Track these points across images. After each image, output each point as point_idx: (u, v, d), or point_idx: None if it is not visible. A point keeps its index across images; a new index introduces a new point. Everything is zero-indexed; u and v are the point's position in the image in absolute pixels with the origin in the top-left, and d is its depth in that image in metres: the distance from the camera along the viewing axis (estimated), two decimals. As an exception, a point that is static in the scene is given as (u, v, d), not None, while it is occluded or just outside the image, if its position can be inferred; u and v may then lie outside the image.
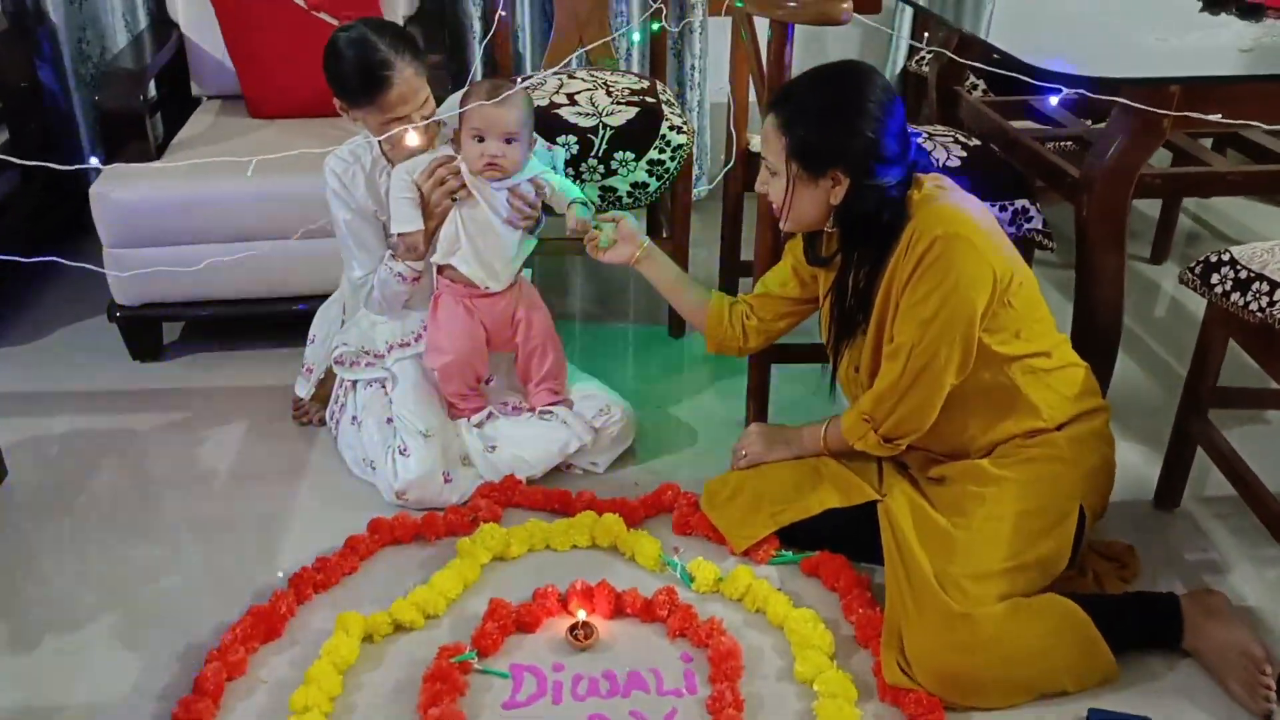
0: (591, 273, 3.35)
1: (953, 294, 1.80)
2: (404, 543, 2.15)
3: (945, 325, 1.82)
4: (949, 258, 1.79)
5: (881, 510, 1.99)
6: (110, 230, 2.60)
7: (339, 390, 2.44)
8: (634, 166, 2.59)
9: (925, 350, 1.85)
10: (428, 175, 2.17)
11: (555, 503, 2.23)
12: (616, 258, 2.20)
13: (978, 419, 1.95)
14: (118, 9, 3.23)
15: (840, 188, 1.85)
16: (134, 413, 2.59)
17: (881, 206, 1.84)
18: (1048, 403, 1.93)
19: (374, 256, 2.29)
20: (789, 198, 1.89)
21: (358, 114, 2.18)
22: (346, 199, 2.26)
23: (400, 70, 2.11)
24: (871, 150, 1.81)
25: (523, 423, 2.34)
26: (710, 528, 2.14)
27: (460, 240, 2.22)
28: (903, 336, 1.87)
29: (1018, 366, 1.91)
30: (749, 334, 2.19)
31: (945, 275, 1.80)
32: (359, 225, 2.27)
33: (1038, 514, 1.87)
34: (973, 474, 1.94)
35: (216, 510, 2.26)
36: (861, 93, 1.81)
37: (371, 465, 2.29)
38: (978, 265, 1.80)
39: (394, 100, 2.12)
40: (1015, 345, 1.89)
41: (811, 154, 1.84)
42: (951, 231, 1.79)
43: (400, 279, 2.25)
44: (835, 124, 1.81)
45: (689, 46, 3.47)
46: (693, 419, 2.57)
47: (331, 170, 2.26)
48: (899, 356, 1.88)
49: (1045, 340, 1.94)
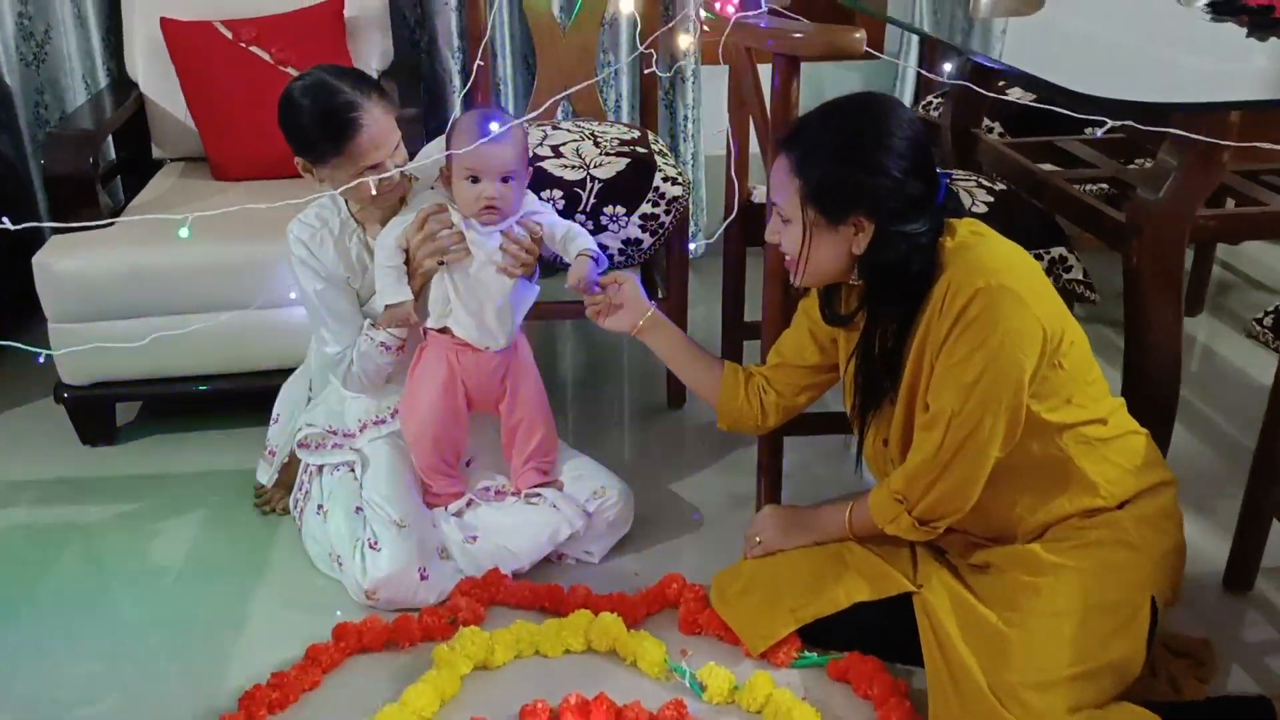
0: (582, 337, 3.13)
1: (999, 354, 1.57)
2: (373, 651, 1.90)
3: (990, 390, 1.59)
4: (993, 313, 1.57)
5: (919, 604, 1.75)
6: (54, 303, 2.39)
7: (304, 475, 2.20)
8: (625, 222, 2.37)
9: (967, 419, 1.62)
10: (417, 228, 1.95)
11: (545, 600, 1.99)
12: (618, 325, 1.99)
13: (1027, 497, 1.71)
14: (77, 70, 3.04)
15: (863, 235, 1.64)
16: (80, 504, 2.36)
17: (911, 255, 1.62)
18: (1106, 477, 1.69)
19: (350, 328, 2.06)
20: (805, 248, 1.68)
21: (324, 171, 1.96)
22: (316, 267, 2.04)
23: (369, 110, 1.91)
24: (898, 191, 1.60)
25: (507, 509, 2.10)
26: (722, 626, 1.90)
27: (451, 300, 2.01)
28: (940, 403, 1.64)
29: (1070, 436, 1.68)
30: (768, 410, 1.96)
31: (989, 333, 1.57)
32: (332, 295, 2.05)
33: (1106, 609, 1.64)
34: (1024, 561, 1.70)
35: (164, 614, 2.02)
36: (885, 126, 1.60)
37: (338, 561, 2.04)
38: (1025, 321, 1.58)
39: (366, 145, 1.91)
40: (1067, 412, 1.67)
41: (830, 197, 1.63)
42: (995, 283, 1.57)
43: (383, 349, 2.03)
44: (856, 162, 1.61)
45: (681, 96, 3.28)
46: (698, 499, 2.34)
47: (296, 238, 2.04)
48: (936, 426, 1.65)
49: (1100, 406, 1.71)
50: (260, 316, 2.43)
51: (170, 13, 2.76)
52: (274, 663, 1.86)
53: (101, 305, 2.38)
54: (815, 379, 1.92)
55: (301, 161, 1.98)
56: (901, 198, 1.60)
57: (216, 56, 2.73)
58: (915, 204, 1.61)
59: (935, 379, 1.66)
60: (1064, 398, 1.67)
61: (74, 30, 3.00)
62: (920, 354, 1.68)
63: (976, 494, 1.68)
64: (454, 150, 1.89)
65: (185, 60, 2.75)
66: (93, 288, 2.37)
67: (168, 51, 2.75)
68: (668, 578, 2.00)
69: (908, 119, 1.63)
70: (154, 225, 2.45)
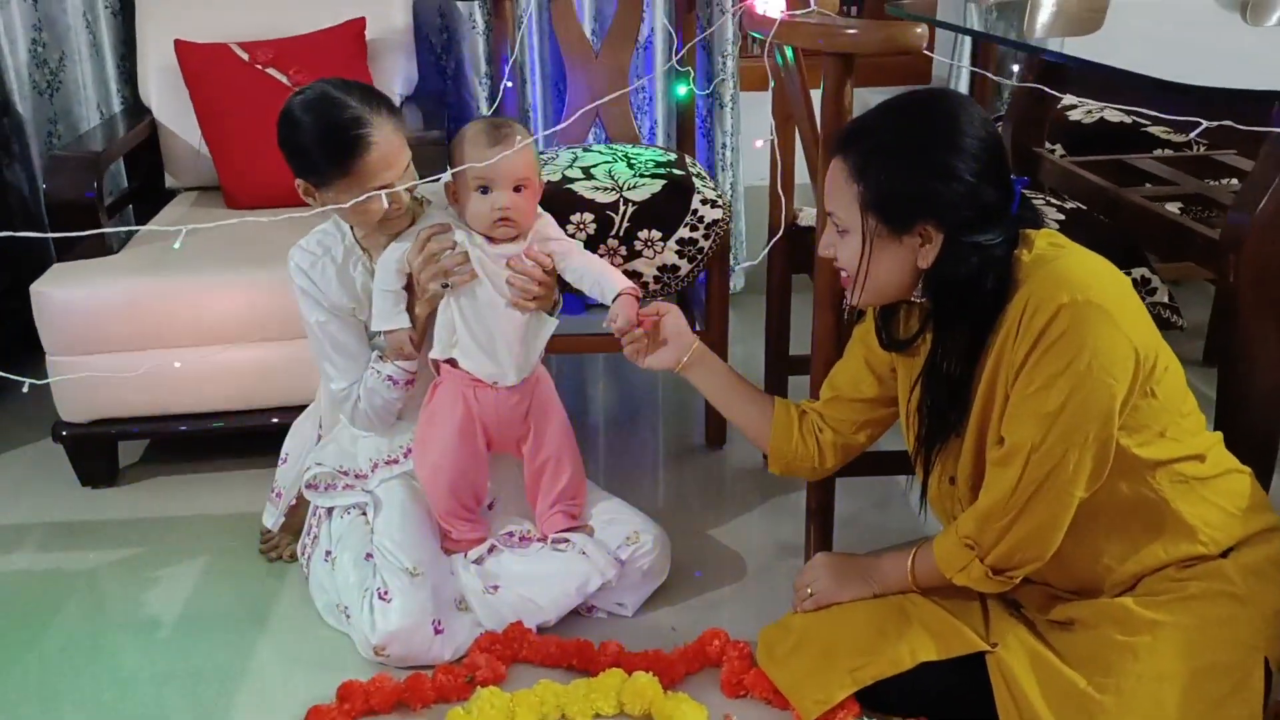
0: (613, 370, 2.95)
1: (1086, 379, 1.39)
2: (381, 713, 1.72)
3: (1075, 420, 1.41)
4: (1080, 332, 1.38)
5: (993, 664, 1.55)
6: (53, 334, 2.26)
7: (312, 520, 2.03)
8: (661, 247, 2.21)
9: (1048, 454, 1.43)
10: (418, 250, 1.80)
11: (573, 657, 1.80)
12: (661, 363, 1.82)
13: (1115, 544, 1.52)
14: (91, 99, 2.94)
15: (930, 247, 1.46)
16: (77, 549, 2.20)
17: (984, 269, 1.45)
18: (1206, 521, 1.50)
19: (356, 363, 1.90)
20: (864, 261, 1.51)
21: (328, 195, 1.80)
22: (317, 297, 1.89)
23: (378, 127, 1.75)
24: (971, 197, 1.43)
25: (532, 556, 1.91)
26: (770, 688, 1.70)
27: (458, 329, 1.84)
28: (1018, 436, 1.45)
29: (1164, 474, 1.49)
30: (825, 451, 1.78)
31: (1075, 355, 1.39)
32: (335, 328, 1.89)
33: (1213, 673, 1.44)
34: (1115, 617, 1.51)
35: (156, 668, 1.85)
36: (955, 124, 1.44)
37: (346, 613, 1.86)
38: (1116, 341, 1.39)
39: (375, 164, 1.75)
40: (1160, 447, 1.48)
41: (894, 204, 1.46)
42: (1081, 298, 1.39)
43: (391, 383, 1.87)
44: (924, 164, 1.44)
45: (719, 123, 3.13)
46: (740, 546, 2.15)
47: (297, 266, 1.89)
48: (1013, 462, 1.46)
49: (1197, 440, 1.52)
50: (269, 350, 2.30)
51: (185, 35, 2.64)
52: (271, 725, 1.68)
53: (102, 337, 2.24)
54: (874, 414, 1.74)
55: (303, 184, 1.83)
56: (974, 204, 1.43)
57: (231, 79, 2.62)
58: (988, 212, 1.44)
59: (1011, 408, 1.47)
60: (1157, 430, 1.48)
61: (89, 58, 2.91)
62: (993, 381, 1.50)
63: (1058, 539, 1.49)
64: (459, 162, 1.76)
65: (199, 83, 2.64)
66: (93, 318, 2.24)
67: (181, 74, 2.63)
68: (709, 633, 1.81)
69: (980, 117, 1.45)
70: (158, 254, 2.37)
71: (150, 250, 2.40)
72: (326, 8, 2.70)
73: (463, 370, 1.88)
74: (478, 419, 1.90)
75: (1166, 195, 2.09)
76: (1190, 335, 2.69)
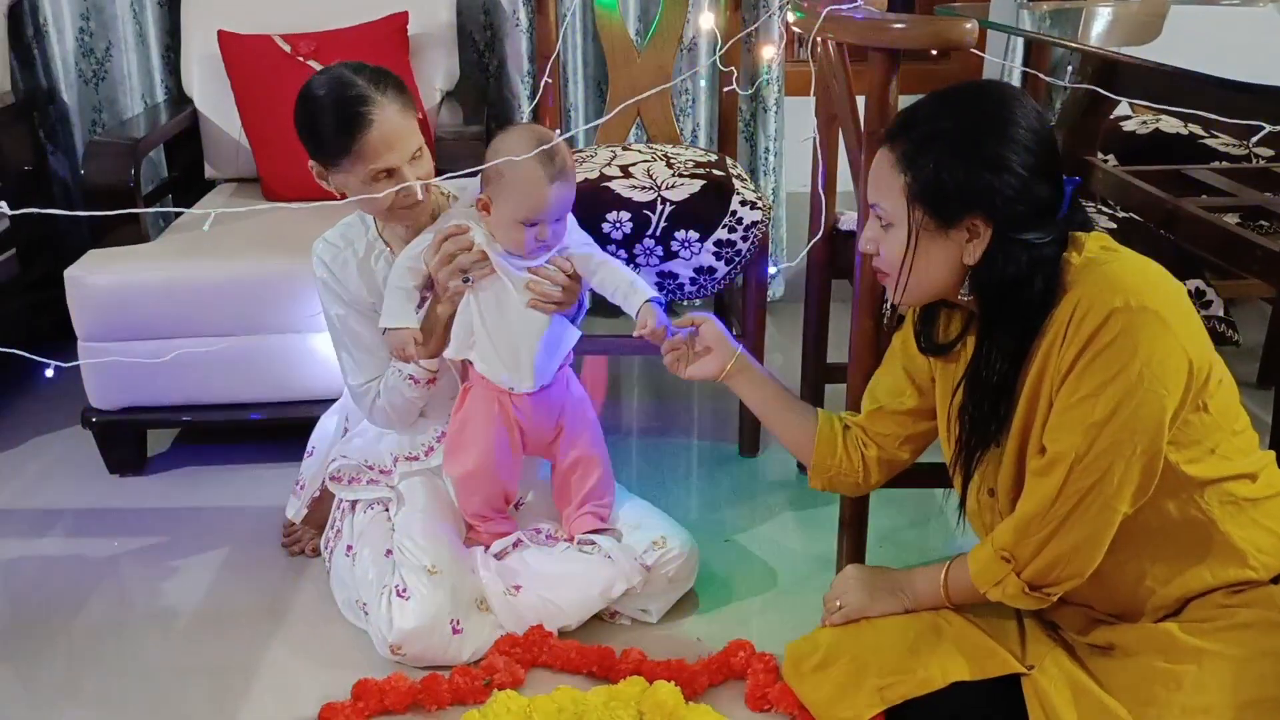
0: (645, 375, 2.90)
1: (1136, 388, 1.33)
2: (396, 713, 1.68)
3: (1123, 431, 1.35)
4: (1132, 338, 1.32)
5: (1029, 688, 1.49)
6: (86, 320, 2.25)
7: (336, 513, 2.00)
8: (699, 248, 2.16)
9: (1093, 465, 1.37)
10: (434, 250, 1.76)
11: (594, 664, 1.76)
12: (703, 372, 1.76)
13: (1159, 565, 1.46)
14: (136, 89, 2.94)
15: (978, 242, 1.40)
16: (99, 536, 2.18)
17: (1034, 269, 1.39)
18: (1257, 544, 1.43)
19: (374, 358, 1.88)
20: (909, 255, 1.44)
21: (338, 176, 1.78)
22: (338, 290, 1.87)
23: (382, 106, 1.73)
24: (1023, 192, 1.37)
25: (556, 557, 1.87)
26: (795, 704, 1.64)
27: (476, 331, 1.80)
28: (1061, 444, 1.39)
29: (1214, 494, 1.42)
30: (870, 467, 1.71)
31: (1127, 362, 1.33)
32: (354, 322, 1.87)
33: (1265, 706, 1.36)
34: (1159, 644, 1.44)
35: (169, 660, 1.83)
36: (1008, 114, 1.38)
37: (364, 609, 1.82)
38: (1170, 350, 1.33)
39: (376, 144, 1.73)
40: (1210, 465, 1.41)
41: (943, 195, 1.39)
42: (1136, 304, 1.32)
43: (412, 383, 1.84)
44: (976, 155, 1.38)
45: (763, 127, 3.07)
46: (770, 556, 2.09)
47: (319, 258, 1.88)
48: (1054, 471, 1.40)
49: (1249, 460, 1.45)
50: (301, 341, 2.27)
51: (228, 25, 2.64)
52: (286, 718, 1.65)
53: (135, 324, 2.23)
54: (916, 427, 1.68)
55: (315, 166, 1.81)
56: (1026, 199, 1.37)
57: (273, 71, 2.60)
58: (1039, 209, 1.38)
59: (1056, 416, 1.40)
60: (1207, 448, 1.41)
61: (135, 48, 2.91)
62: (1037, 387, 1.44)
63: (1099, 556, 1.42)
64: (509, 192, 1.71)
65: (241, 74, 2.63)
66: (126, 304, 2.23)
67: (223, 64, 2.63)
68: (734, 644, 1.76)
69: (1034, 110, 1.39)
70: (194, 240, 2.36)
71: (185, 238, 2.40)
72: (370, 1, 2.68)
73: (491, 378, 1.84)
74: (515, 422, 1.86)
75: (1224, 207, 2.01)
76: (1245, 357, 2.60)
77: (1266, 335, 2.66)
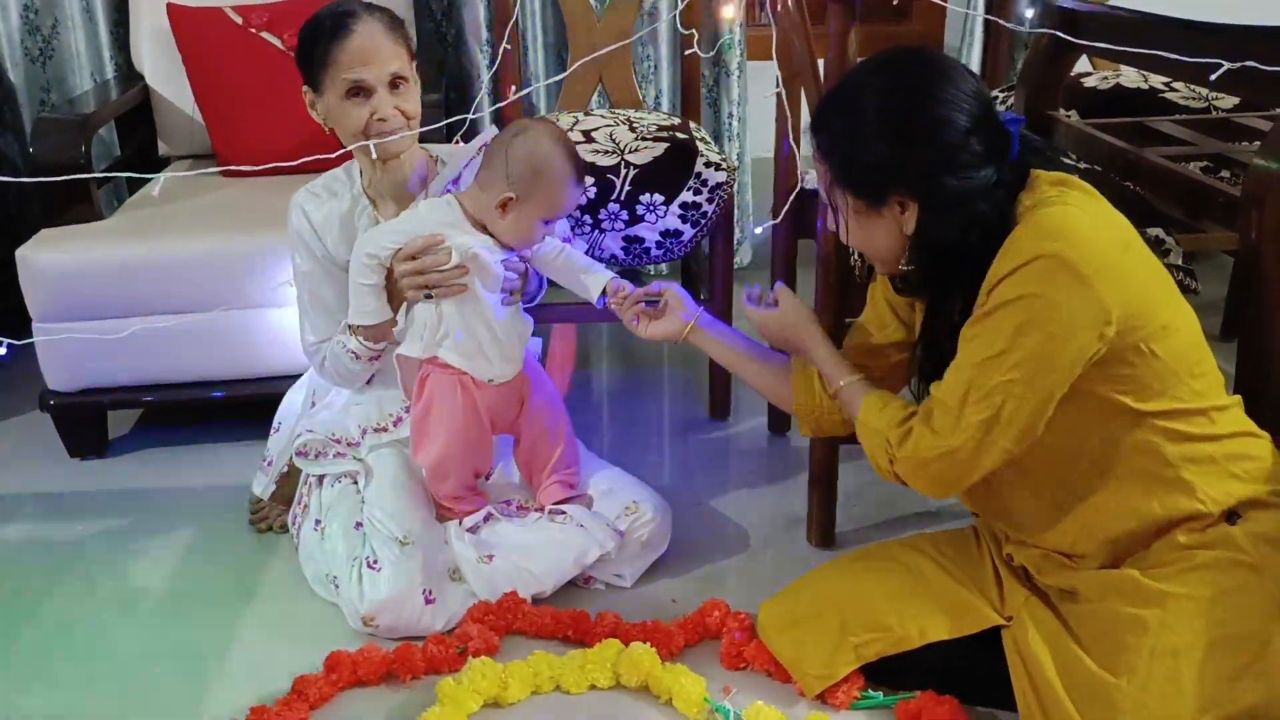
0: (613, 342, 2.89)
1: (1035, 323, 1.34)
2: (370, 684, 1.66)
3: (1017, 363, 1.36)
4: (1047, 282, 1.34)
5: (1008, 640, 1.51)
6: (40, 301, 2.20)
7: (303, 488, 1.98)
8: (664, 211, 2.14)
9: (987, 399, 1.38)
10: (405, 257, 1.73)
11: (568, 628, 1.75)
12: (662, 331, 1.76)
13: (1106, 495, 1.45)
14: (85, 66, 2.88)
15: (910, 214, 1.42)
16: (62, 521, 2.15)
17: (968, 228, 1.40)
18: (1205, 479, 1.43)
19: (332, 319, 1.86)
20: (849, 235, 1.50)
21: (322, 99, 1.81)
22: (310, 244, 1.84)
23: (365, 22, 1.77)
24: (942, 161, 1.38)
25: (528, 526, 1.85)
26: (771, 661, 1.64)
27: (450, 329, 1.77)
28: (954, 380, 1.41)
29: (1163, 428, 1.41)
30: None
31: (1026, 301, 1.34)
32: (319, 280, 1.85)
33: (1231, 644, 1.37)
34: (1121, 589, 1.45)
35: (139, 642, 1.80)
36: (914, 88, 1.40)
37: (335, 582, 1.80)
38: (1084, 299, 1.33)
39: (352, 52, 1.75)
40: (1159, 403, 1.41)
41: (858, 178, 1.44)
42: (1055, 250, 1.33)
43: (353, 357, 1.82)
44: (884, 137, 1.40)
45: (726, 92, 3.05)
46: (742, 517, 2.09)
47: (298, 205, 1.86)
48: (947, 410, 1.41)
49: (1204, 399, 1.44)
50: (262, 316, 2.24)
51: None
52: (256, 696, 1.63)
53: (89, 303, 2.19)
54: (900, 356, 1.66)
55: (309, 94, 1.83)
56: (946, 167, 1.38)
57: (225, 44, 2.56)
58: (966, 169, 1.38)
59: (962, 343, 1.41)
60: (1157, 390, 1.41)
61: (82, 24, 2.85)
62: None
63: (959, 490, 1.47)
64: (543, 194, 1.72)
65: (192, 48, 2.58)
66: (81, 284, 2.19)
67: (174, 39, 2.57)
68: (709, 604, 1.75)
69: (953, 74, 1.40)
70: (148, 217, 2.31)
71: (139, 216, 2.35)
72: (323, -29, 2.63)
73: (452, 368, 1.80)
74: (481, 405, 1.84)
75: (1186, 156, 2.01)
76: (1208, 310, 2.61)
77: (1228, 288, 2.68)
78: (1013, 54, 3.03)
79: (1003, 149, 1.41)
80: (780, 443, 2.34)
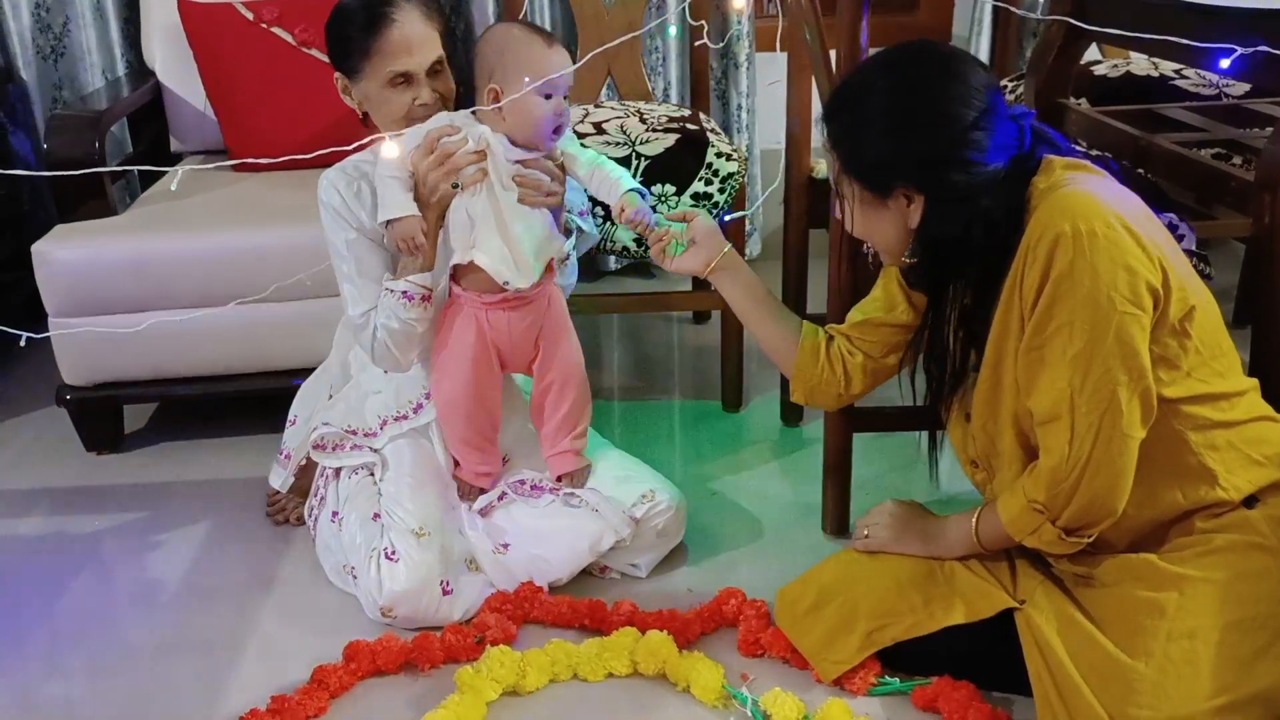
0: (631, 332, 2.89)
1: (1103, 304, 1.34)
2: (389, 673, 1.68)
3: (1111, 358, 1.35)
4: (1089, 260, 1.34)
5: (1022, 623, 1.51)
6: (55, 295, 2.21)
7: (319, 481, 1.99)
8: (676, 202, 2.15)
9: (1095, 393, 1.37)
10: (425, 151, 1.73)
11: (585, 617, 1.75)
12: (689, 265, 1.76)
13: (1136, 488, 1.44)
14: (96, 64, 2.89)
15: (915, 207, 1.44)
16: (78, 514, 2.16)
17: (971, 224, 1.42)
18: (1226, 465, 1.44)
19: (379, 288, 1.83)
20: (855, 225, 1.53)
21: (359, 85, 1.83)
22: (348, 218, 1.83)
23: (405, 10, 1.79)
24: (946, 155, 1.39)
25: (543, 512, 1.86)
26: (788, 648, 1.65)
27: (476, 229, 1.75)
28: (1052, 390, 1.40)
29: (1187, 416, 1.43)
30: (851, 375, 1.71)
31: (1084, 284, 1.34)
32: (363, 248, 1.83)
33: (1247, 627, 1.38)
34: (1140, 573, 1.45)
35: (157, 634, 1.81)
36: (922, 82, 1.42)
37: (352, 573, 1.81)
38: (1130, 261, 1.34)
39: (396, 43, 1.77)
40: (1184, 387, 1.42)
41: (865, 169, 1.46)
42: (1085, 228, 1.34)
43: (406, 300, 1.77)
44: (892, 130, 1.42)
45: (734, 84, 3.06)
46: (756, 506, 2.09)
47: (330, 183, 1.85)
48: (1059, 415, 1.40)
49: (1225, 383, 1.45)
50: (278, 310, 2.24)
51: (189, -6, 2.59)
52: (276, 686, 1.64)
53: (105, 298, 2.20)
54: (906, 336, 1.67)
55: (340, 80, 1.86)
56: (951, 161, 1.40)
57: (237, 39, 2.56)
58: (971, 164, 1.40)
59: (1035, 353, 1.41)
60: (1184, 371, 1.42)
61: (93, 22, 2.85)
62: (1009, 307, 1.45)
63: (1128, 488, 1.42)
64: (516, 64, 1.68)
65: (203, 44, 2.58)
66: (96, 278, 2.20)
67: (185, 35, 2.58)
68: (725, 592, 1.76)
69: (960, 67, 1.42)
70: (161, 214, 2.32)
71: (153, 211, 2.37)
72: (334, -35, 2.64)
73: (473, 293, 1.80)
74: (491, 342, 1.83)
75: (1197, 142, 2.02)
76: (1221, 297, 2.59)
77: (1240, 274, 2.68)
78: (1021, 43, 3.02)
79: (1012, 143, 1.42)
80: (793, 433, 2.35)
